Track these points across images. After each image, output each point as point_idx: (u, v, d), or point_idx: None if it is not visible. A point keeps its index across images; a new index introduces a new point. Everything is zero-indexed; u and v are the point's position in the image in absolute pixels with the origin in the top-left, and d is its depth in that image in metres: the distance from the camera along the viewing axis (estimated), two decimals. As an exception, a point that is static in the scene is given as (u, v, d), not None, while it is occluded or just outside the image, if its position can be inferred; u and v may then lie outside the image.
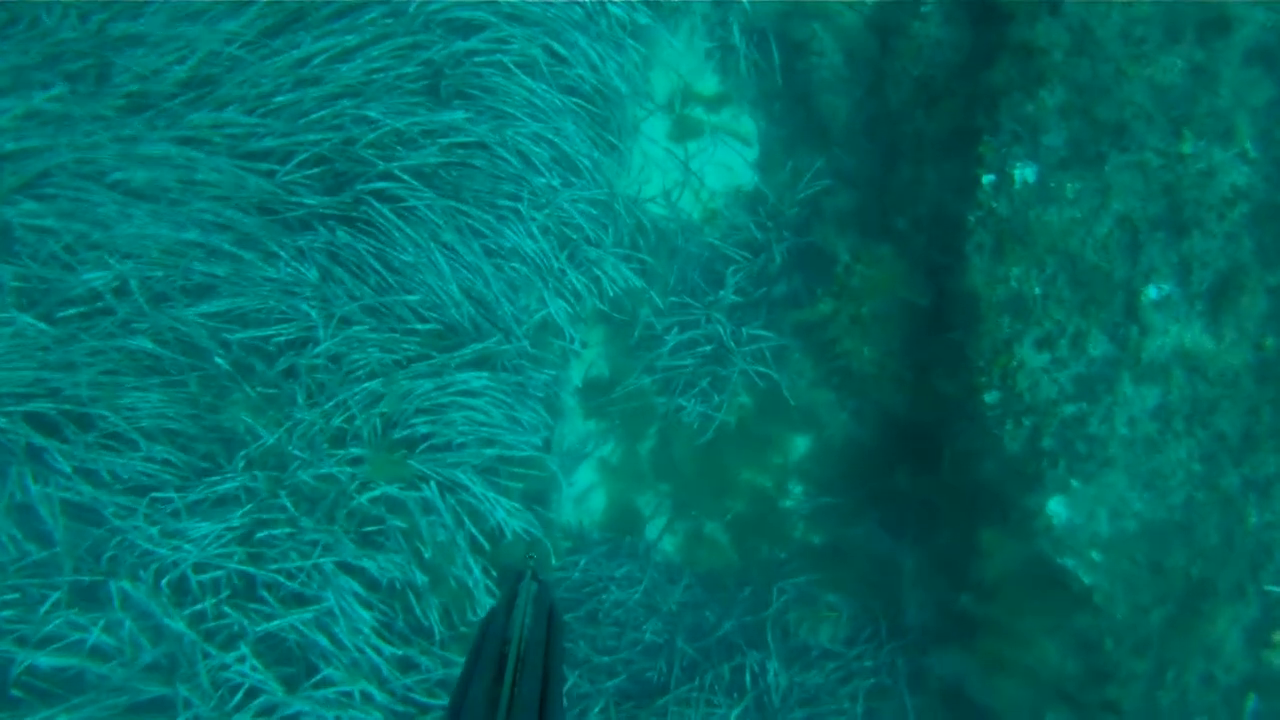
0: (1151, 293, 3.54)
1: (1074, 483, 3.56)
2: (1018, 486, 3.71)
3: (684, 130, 5.26)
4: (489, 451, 4.25)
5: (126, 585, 3.94)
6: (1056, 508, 3.57)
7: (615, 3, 4.45)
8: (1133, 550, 3.47)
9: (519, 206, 4.32)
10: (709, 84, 5.29)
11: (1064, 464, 3.59)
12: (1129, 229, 3.60)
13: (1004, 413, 3.75)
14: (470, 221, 4.22)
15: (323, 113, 4.16)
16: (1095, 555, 3.51)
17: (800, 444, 5.00)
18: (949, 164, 4.32)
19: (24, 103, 4.07)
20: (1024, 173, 3.77)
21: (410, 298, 4.15)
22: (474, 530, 4.10)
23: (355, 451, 4.10)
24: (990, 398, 3.79)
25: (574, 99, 4.49)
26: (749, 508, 4.97)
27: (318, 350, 4.08)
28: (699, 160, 5.24)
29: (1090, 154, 3.65)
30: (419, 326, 4.07)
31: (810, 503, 4.98)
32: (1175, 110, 3.63)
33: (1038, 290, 3.71)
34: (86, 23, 4.17)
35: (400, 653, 3.94)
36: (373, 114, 4.11)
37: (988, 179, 3.86)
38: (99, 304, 4.09)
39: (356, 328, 4.12)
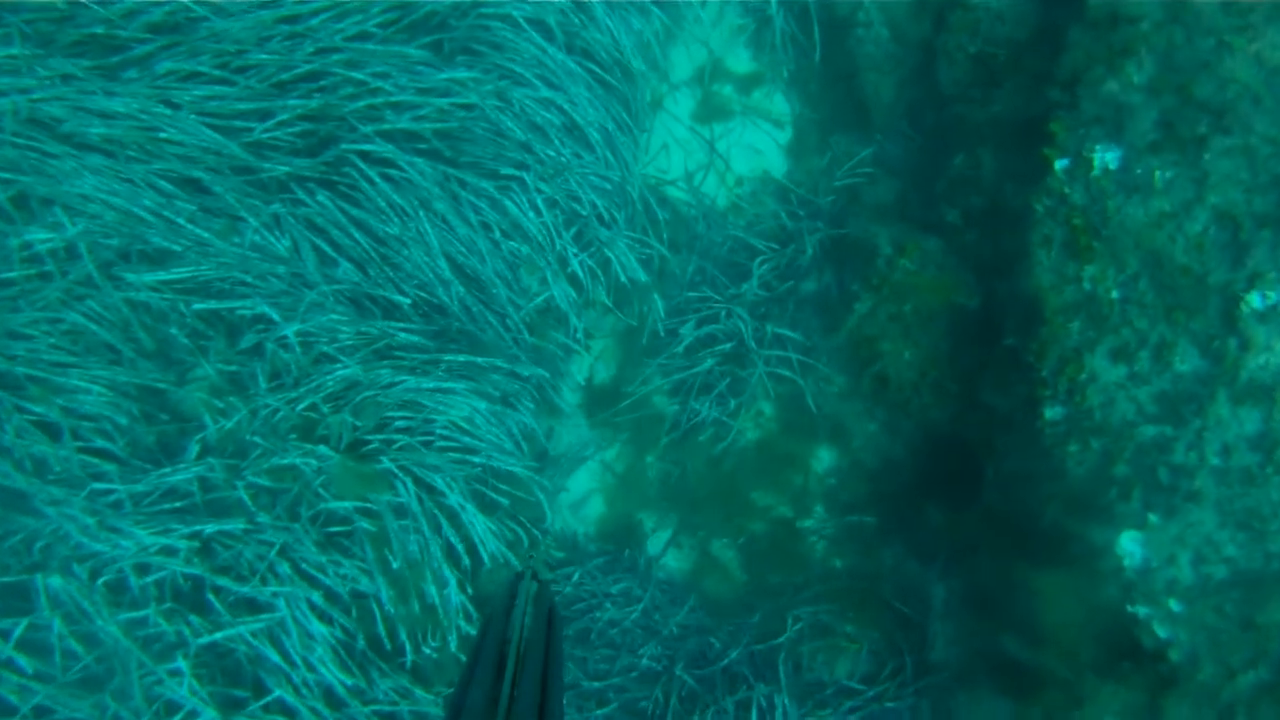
0: (1255, 301, 3.02)
1: (1152, 518, 3.05)
2: (1082, 518, 3.20)
3: (711, 109, 4.77)
4: (475, 460, 3.76)
5: (56, 581, 3.46)
6: (1129, 546, 3.06)
7: (639, -43, 3.97)
8: (1220, 601, 2.96)
9: (524, 175, 3.83)
10: (741, 60, 4.80)
11: (1140, 495, 3.08)
12: (1229, 226, 3.09)
13: (1069, 432, 3.25)
14: (466, 193, 3.73)
15: (309, 67, 3.67)
16: (1174, 605, 2.99)
17: (824, 458, 4.49)
18: (1011, 150, 3.83)
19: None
20: (1105, 157, 3.27)
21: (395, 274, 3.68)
22: (454, 540, 3.61)
23: (323, 450, 3.62)
24: (1052, 413, 3.28)
25: (590, 64, 4.00)
26: (764, 525, 4.47)
27: (287, 330, 3.59)
28: (726, 142, 4.75)
29: (1185, 137, 3.14)
30: (401, 300, 3.57)
31: (833, 523, 4.48)
32: (1286, 91, 3.12)
33: (1115, 293, 3.20)
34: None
35: (351, 683, 3.44)
36: (362, 75, 3.63)
37: (1060, 163, 3.36)
38: (44, 267, 3.62)
39: (331, 314, 3.64)
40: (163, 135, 3.55)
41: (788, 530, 4.47)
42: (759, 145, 4.79)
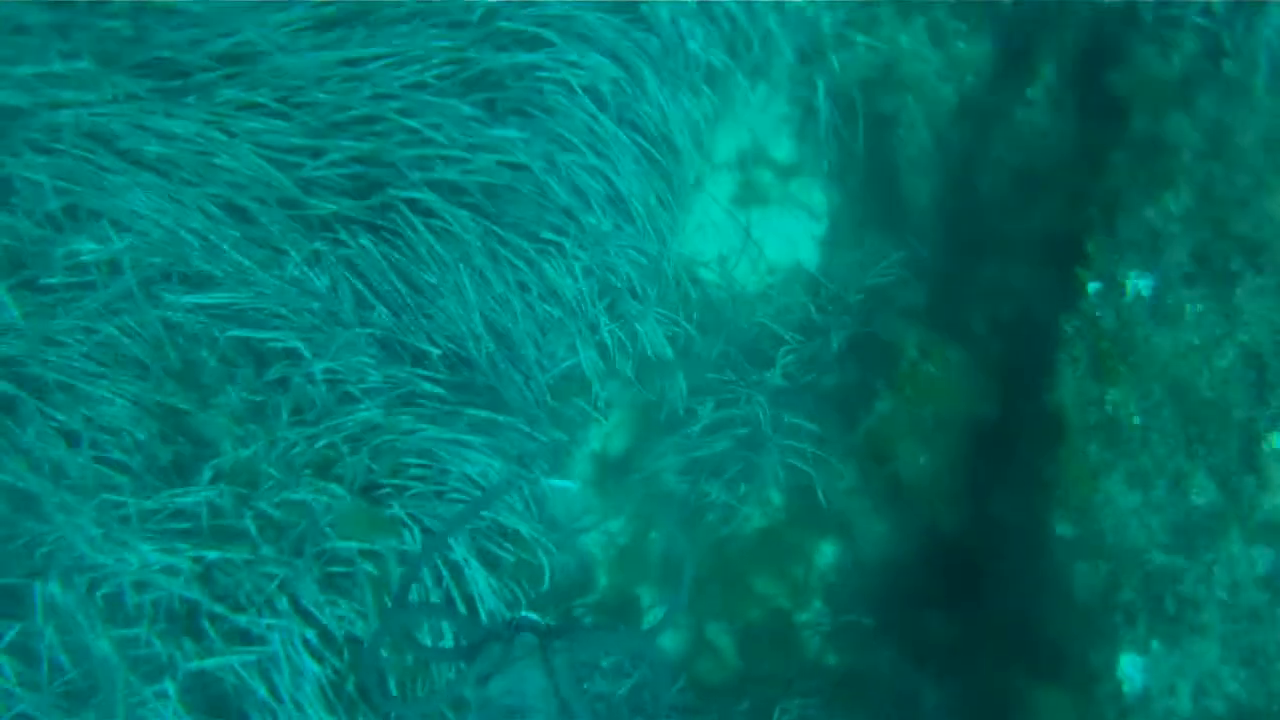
0: (1276, 441, 3.05)
1: (1154, 644, 3.04)
2: (1083, 640, 3.20)
3: (750, 194, 4.84)
4: (484, 514, 3.77)
5: (55, 589, 3.47)
6: (1130, 671, 3.05)
7: (694, 39, 4.06)
8: (1219, 738, 2.94)
9: (564, 241, 3.89)
10: (783, 149, 4.88)
11: (1144, 622, 3.08)
12: (1256, 364, 3.13)
13: (1077, 552, 3.26)
14: (506, 250, 3.79)
15: (364, 111, 3.76)
16: (1172, 737, 2.98)
17: (828, 552, 4.49)
18: (1044, 266, 3.88)
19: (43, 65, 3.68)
20: (1138, 284, 3.32)
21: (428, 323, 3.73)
22: (455, 594, 3.61)
23: (336, 489, 3.63)
24: (1063, 531, 3.29)
25: (637, 136, 4.09)
26: (762, 614, 4.45)
27: (315, 368, 3.63)
28: (761, 229, 4.81)
29: (1220, 270, 3.19)
30: (431, 350, 3.62)
31: (830, 619, 4.46)
32: (1323, 236, 3.18)
33: (1137, 419, 3.23)
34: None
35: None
36: (417, 123, 3.71)
37: (1094, 286, 3.41)
38: (87, 277, 3.67)
39: (361, 355, 3.68)
40: (216, 160, 3.63)
41: (784, 622, 4.45)
42: (794, 235, 4.85)
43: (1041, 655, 3.37)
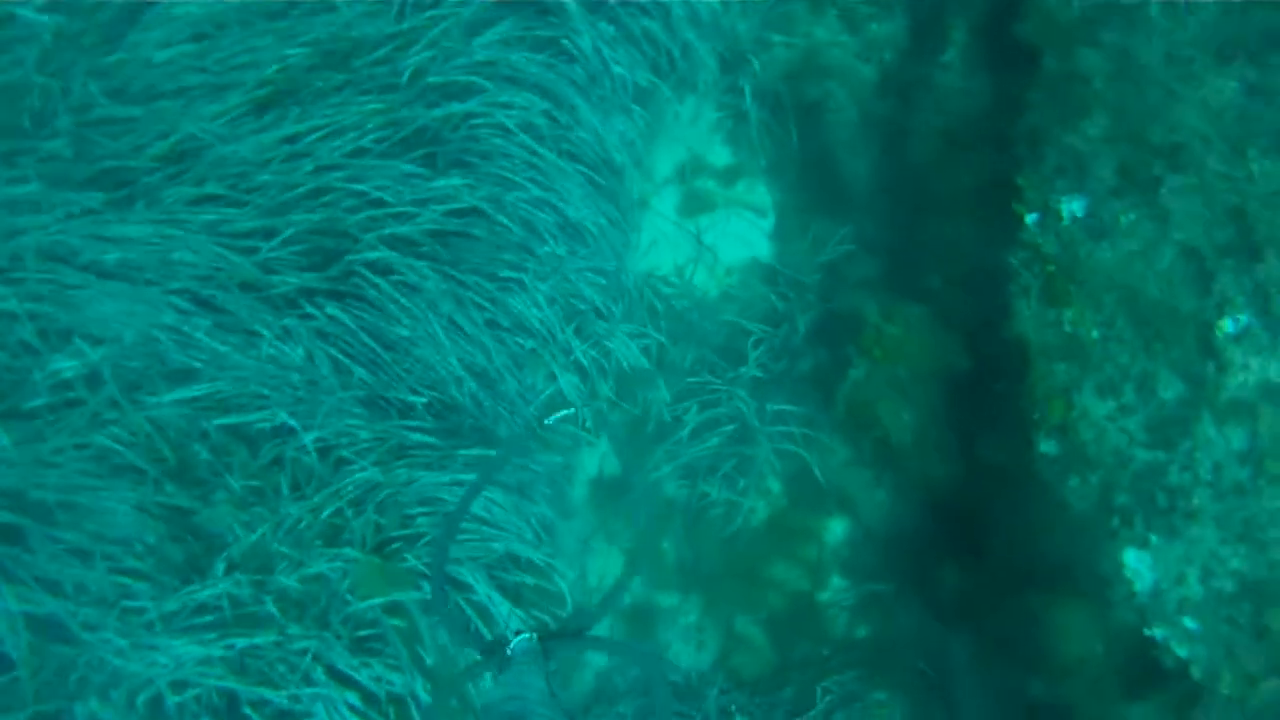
0: (1227, 326, 3.17)
1: (1154, 539, 3.15)
2: (1088, 550, 3.30)
3: (695, 204, 4.97)
4: (496, 546, 3.85)
5: (94, 705, 3.52)
6: (1138, 568, 3.15)
7: (618, 63, 4.20)
8: (1233, 613, 3.04)
9: (523, 276, 4.00)
10: (720, 155, 5.03)
11: (1142, 520, 3.18)
12: (1195, 258, 3.26)
13: (1066, 468, 3.36)
14: (470, 293, 3.90)
15: (311, 185, 3.87)
16: (1189, 622, 3.07)
17: (836, 529, 4.58)
18: (983, 213, 4.01)
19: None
20: (1071, 207, 3.45)
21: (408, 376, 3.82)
22: (484, 631, 3.68)
23: (349, 552, 3.71)
24: (1048, 449, 3.40)
25: (577, 165, 4.22)
26: (784, 600, 4.53)
27: (306, 440, 3.71)
28: (712, 234, 4.93)
29: (1144, 179, 3.34)
30: (416, 400, 3.71)
31: (851, 593, 4.54)
32: (1234, 130, 3.32)
33: (1095, 333, 3.36)
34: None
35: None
36: (364, 186, 3.83)
37: (1031, 217, 3.54)
38: (69, 394, 3.75)
39: (348, 418, 3.77)
40: (175, 256, 3.73)
41: (808, 603, 4.53)
42: (744, 235, 4.97)
43: (1054, 575, 3.46)
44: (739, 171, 5.01)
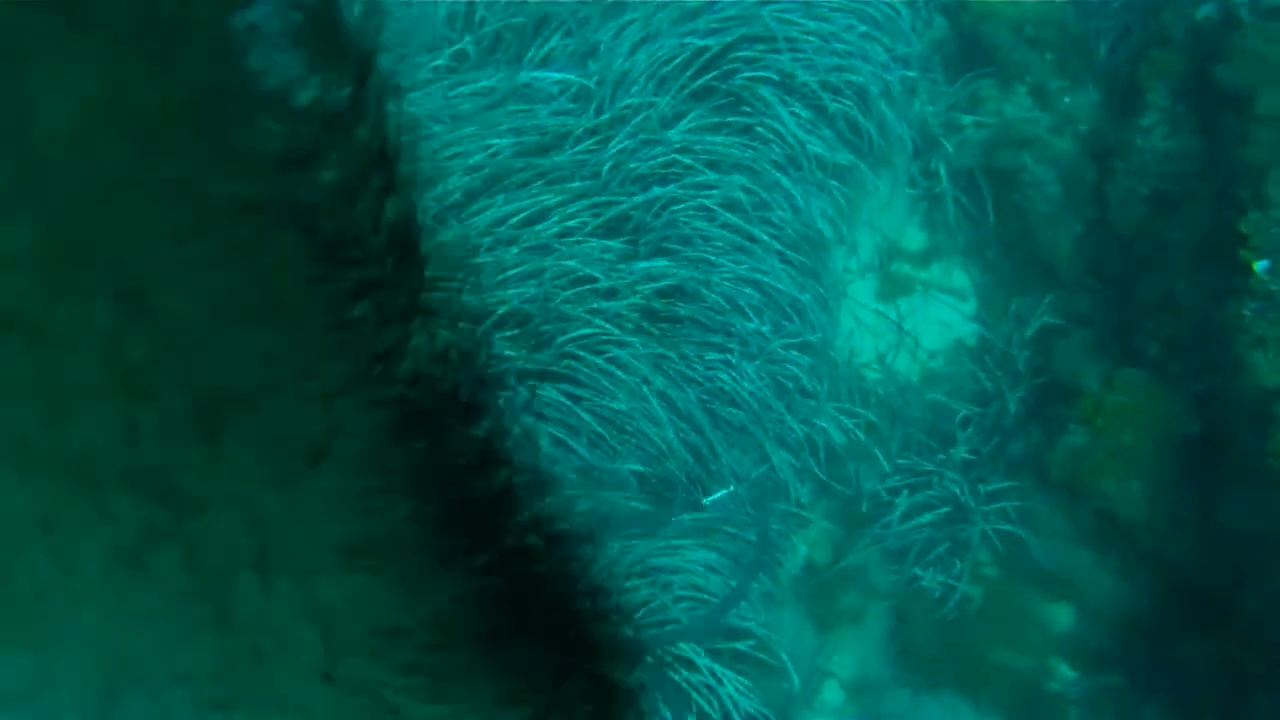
0: None
1: None
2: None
3: (893, 289, 4.95)
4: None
5: None
6: None
7: (815, 141, 4.28)
8: None
9: (729, 358, 4.05)
10: (915, 239, 5.02)
11: None
12: None
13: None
14: (680, 367, 3.96)
15: (522, 268, 4.03)
16: None
17: (1060, 614, 4.37)
18: (1198, 271, 3.89)
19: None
20: (1306, 248, 3.32)
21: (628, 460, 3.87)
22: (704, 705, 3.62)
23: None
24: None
25: (779, 243, 4.27)
26: (1007, 690, 4.31)
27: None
28: (912, 320, 4.90)
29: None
30: (628, 468, 3.75)
31: (1081, 684, 4.29)
32: None
33: (1346, 375, 3.18)
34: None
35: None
36: (573, 264, 3.96)
37: (1261, 264, 3.41)
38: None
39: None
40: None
41: (1035, 693, 4.30)
42: (945, 318, 4.92)
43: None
44: (934, 253, 4.98)
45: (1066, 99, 4.74)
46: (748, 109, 4.34)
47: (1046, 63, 4.75)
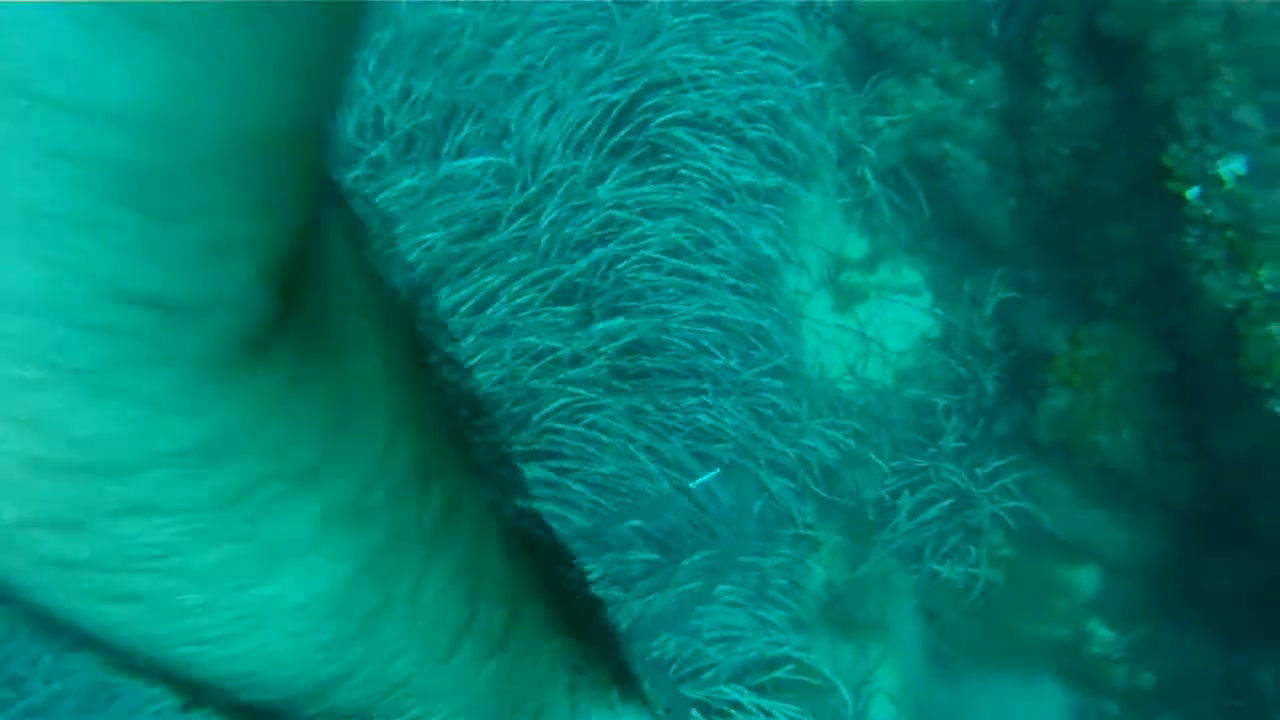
0: None
1: None
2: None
3: (847, 299, 4.99)
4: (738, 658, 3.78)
5: None
6: None
7: (741, 171, 4.34)
8: None
9: (704, 399, 4.06)
10: (857, 246, 5.07)
11: None
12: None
13: (1317, 423, 3.19)
14: (660, 418, 3.96)
15: (482, 354, 4.04)
16: None
17: (1085, 578, 4.37)
18: (1140, 213, 3.96)
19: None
20: (1230, 167, 3.38)
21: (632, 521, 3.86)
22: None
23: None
24: (1290, 411, 3.24)
25: (727, 276, 4.31)
26: (1053, 666, 4.29)
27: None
28: (873, 325, 4.93)
29: (1299, 115, 3.27)
30: (629, 526, 3.73)
31: (1122, 640, 4.28)
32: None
33: (1298, 278, 3.24)
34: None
35: None
36: (532, 339, 3.98)
37: (1192, 191, 3.48)
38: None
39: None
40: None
41: (1078, 660, 4.29)
42: (904, 317, 4.96)
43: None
44: (879, 255, 5.03)
45: (971, 81, 4.84)
46: (669, 154, 4.40)
47: (944, 50, 4.85)
